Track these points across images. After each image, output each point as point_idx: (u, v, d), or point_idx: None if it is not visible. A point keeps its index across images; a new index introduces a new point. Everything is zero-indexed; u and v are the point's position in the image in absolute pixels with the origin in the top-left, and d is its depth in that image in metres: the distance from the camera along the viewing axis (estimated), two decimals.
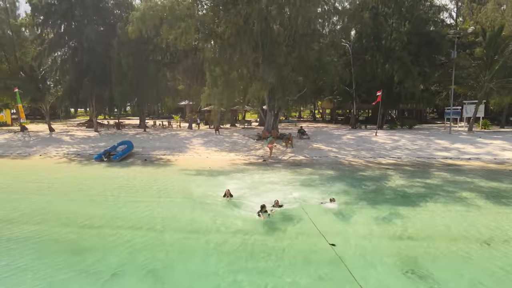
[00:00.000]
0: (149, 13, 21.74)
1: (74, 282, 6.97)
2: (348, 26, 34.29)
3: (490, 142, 26.36)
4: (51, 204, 12.49)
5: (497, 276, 7.13)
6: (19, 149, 26.15)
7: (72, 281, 7.02)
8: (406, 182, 15.61)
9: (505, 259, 7.86)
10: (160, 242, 8.96)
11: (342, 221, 10.32)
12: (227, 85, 23.09)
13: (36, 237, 9.34)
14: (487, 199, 12.56)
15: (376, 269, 7.43)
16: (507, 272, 7.28)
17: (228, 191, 12.39)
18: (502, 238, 9.17)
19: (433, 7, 38.68)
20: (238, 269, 7.43)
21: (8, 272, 7.40)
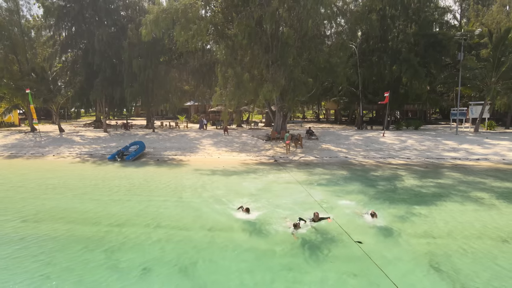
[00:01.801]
0: (162, 16, 22.07)
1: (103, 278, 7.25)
2: (355, 28, 34.72)
3: (497, 142, 26.58)
4: (74, 203, 12.77)
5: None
6: (32, 149, 26.48)
7: (101, 276, 7.30)
8: (419, 182, 15.86)
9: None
10: (185, 239, 9.25)
11: (362, 220, 10.57)
12: (238, 86, 23.37)
13: (63, 235, 9.63)
14: (502, 199, 12.80)
15: (403, 265, 7.70)
16: None
17: (245, 208, 10.94)
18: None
19: (438, 9, 39.04)
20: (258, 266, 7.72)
21: (40, 268, 7.67)
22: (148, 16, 23.02)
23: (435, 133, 32.34)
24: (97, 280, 7.15)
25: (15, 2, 33.12)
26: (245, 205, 11.14)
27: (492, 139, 28.04)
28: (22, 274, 7.37)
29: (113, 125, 41.63)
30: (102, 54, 31.31)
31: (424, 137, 29.73)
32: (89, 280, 7.16)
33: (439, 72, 36.26)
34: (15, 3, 33.19)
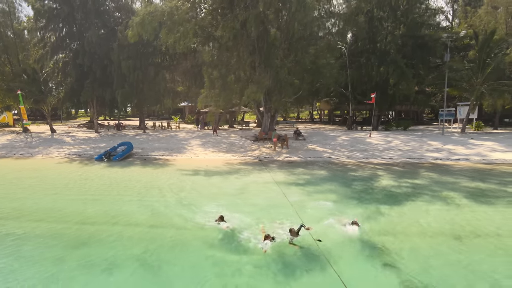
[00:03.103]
0: (148, 18, 22.41)
1: (76, 273, 7.60)
2: (345, 29, 35.12)
3: (481, 143, 26.99)
4: (54, 202, 13.10)
5: (461, 267, 7.76)
6: (21, 149, 26.81)
7: (74, 272, 7.64)
8: (394, 182, 16.23)
9: (471, 252, 8.50)
10: (153, 236, 9.60)
11: (327, 219, 10.92)
12: (224, 87, 23.73)
13: (40, 233, 9.97)
14: (468, 198, 13.17)
15: (356, 262, 8.04)
16: (471, 264, 7.91)
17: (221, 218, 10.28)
18: (475, 233, 9.79)
19: (429, 10, 39.45)
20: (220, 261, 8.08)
21: (14, 264, 8.02)
22: (134, 18, 23.38)
23: (422, 134, 32.76)
24: (64, 273, 7.49)
25: (9, 4, 33.44)
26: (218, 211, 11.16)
27: (476, 140, 28.45)
28: None
29: (105, 125, 41.96)
30: (92, 55, 31.64)
31: (411, 137, 30.14)
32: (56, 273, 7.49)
33: (427, 73, 36.69)
34: (8, 5, 33.50)
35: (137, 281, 7.24)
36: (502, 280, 7.14)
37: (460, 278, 7.28)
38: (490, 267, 7.75)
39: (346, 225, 9.96)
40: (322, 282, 7.14)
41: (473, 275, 7.41)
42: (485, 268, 7.69)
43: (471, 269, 7.67)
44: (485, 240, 9.30)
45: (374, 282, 7.19)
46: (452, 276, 7.36)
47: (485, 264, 7.90)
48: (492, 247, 8.83)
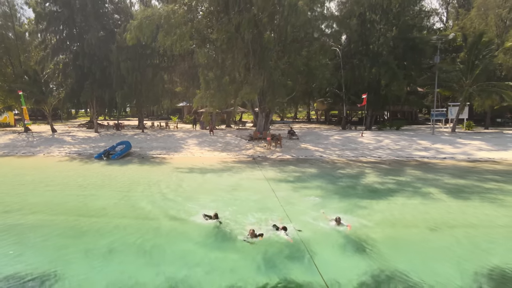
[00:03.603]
0: (146, 22, 23.15)
1: (78, 256, 8.37)
2: (339, 31, 35.91)
3: (469, 142, 27.81)
4: (55, 197, 13.87)
5: (435, 254, 8.52)
6: (23, 149, 27.53)
7: (76, 256, 8.41)
8: (379, 179, 17.02)
9: (439, 241, 9.31)
10: (149, 227, 10.36)
11: (311, 212, 11.68)
12: (219, 88, 24.49)
13: (43, 224, 10.74)
14: (446, 193, 13.97)
15: (333, 251, 8.78)
16: (441, 250, 8.70)
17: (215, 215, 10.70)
18: (448, 225, 10.57)
19: (422, 12, 40.25)
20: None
21: (20, 251, 8.79)
22: (132, 22, 24.13)
23: (413, 133, 33.54)
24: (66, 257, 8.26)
25: (10, 7, 34.15)
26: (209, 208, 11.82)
27: (465, 139, 29.27)
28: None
29: (104, 125, 42.69)
30: (92, 57, 32.38)
31: (401, 137, 30.93)
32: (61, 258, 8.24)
33: (419, 74, 37.49)
34: (10, 8, 34.22)
35: (134, 264, 8.00)
36: (464, 263, 7.88)
37: (426, 263, 8.04)
38: (454, 253, 8.54)
39: (328, 220, 10.55)
40: (299, 267, 7.87)
41: (438, 260, 8.20)
42: (450, 254, 8.48)
43: (437, 255, 8.45)
44: (453, 230, 10.08)
45: (347, 266, 7.92)
46: (418, 261, 8.12)
47: (450, 251, 8.68)
48: (459, 236, 9.60)
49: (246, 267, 7.78)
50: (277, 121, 57.90)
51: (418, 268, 7.65)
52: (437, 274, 7.41)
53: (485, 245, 8.95)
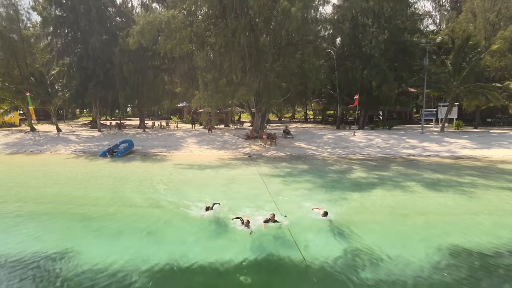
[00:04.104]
0: (148, 27, 24.35)
1: (89, 237, 9.58)
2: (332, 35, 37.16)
3: (455, 141, 29.01)
4: (62, 189, 15.10)
5: (403, 236, 9.73)
6: (31, 147, 28.72)
7: (87, 236, 9.63)
8: (364, 174, 18.23)
9: (408, 225, 10.54)
10: (152, 214, 11.56)
11: (297, 198, 12.89)
12: (216, 90, 25.70)
13: (56, 212, 11.94)
14: (423, 186, 15.19)
15: (314, 233, 9.97)
16: (406, 232, 9.93)
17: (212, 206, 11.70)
18: (418, 212, 11.79)
19: (415, 15, 41.45)
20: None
21: (41, 232, 10.00)
22: (135, 27, 25.32)
23: (403, 133, 34.72)
24: (82, 238, 9.45)
25: (15, 11, 35.25)
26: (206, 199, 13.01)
27: (451, 138, 30.46)
28: (21, 238, 9.63)
29: (107, 125, 43.89)
30: (95, 59, 33.57)
31: (392, 136, 32.12)
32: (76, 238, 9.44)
33: (410, 76, 38.71)
34: (15, 12, 35.31)
35: (139, 243, 9.21)
36: (428, 244, 9.05)
37: (390, 241, 9.24)
38: (421, 235, 9.73)
39: (318, 216, 11.22)
40: (282, 245, 9.06)
41: (401, 239, 9.43)
42: (417, 236, 9.68)
43: (406, 237, 9.64)
44: (423, 217, 11.29)
45: (323, 244, 9.11)
46: (384, 240, 9.31)
47: (417, 234, 9.87)
48: (427, 222, 10.82)
49: (237, 246, 8.97)
50: (274, 121, 59.16)
51: (383, 245, 8.85)
52: (396, 249, 8.61)
53: (445, 228, 10.18)
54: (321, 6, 30.02)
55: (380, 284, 7.07)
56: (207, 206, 11.63)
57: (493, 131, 35.50)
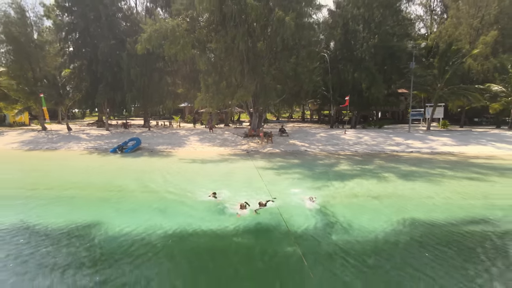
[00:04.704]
0: (154, 35, 26.40)
1: (111, 214, 11.58)
2: (327, 39, 39.30)
3: (437, 139, 31.03)
4: (83, 179, 17.06)
5: (372, 212, 11.69)
6: (46, 144, 30.75)
7: (109, 213, 11.63)
8: (349, 167, 20.25)
9: (379, 205, 12.52)
10: (162, 197, 13.58)
11: (287, 186, 14.91)
12: (217, 91, 27.74)
13: (79, 195, 13.92)
14: (398, 177, 17.17)
15: (297, 210, 11.96)
16: (375, 210, 11.90)
17: (213, 194, 13.43)
18: (388, 196, 13.78)
19: (406, 20, 43.52)
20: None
21: (70, 210, 11.99)
22: (142, 34, 27.33)
23: (391, 131, 36.76)
24: (104, 215, 11.45)
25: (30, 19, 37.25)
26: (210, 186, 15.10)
27: (435, 136, 32.49)
28: (56, 213, 11.61)
29: (114, 124, 45.91)
30: (104, 63, 35.57)
31: (380, 134, 34.17)
32: (99, 214, 11.44)
33: (400, 78, 40.76)
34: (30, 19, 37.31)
35: (153, 218, 11.18)
36: (390, 217, 11.03)
37: (373, 216, 11.21)
38: (386, 212, 11.67)
39: (304, 200, 13.09)
40: (271, 221, 11.07)
41: (375, 216, 11.35)
42: (383, 212, 11.61)
43: (375, 213, 11.58)
44: (391, 199, 13.25)
45: (306, 220, 11.10)
46: (368, 216, 11.29)
47: (384, 211, 11.81)
48: (393, 202, 12.80)
49: (234, 220, 10.97)
50: (272, 120, 61.24)
51: (354, 219, 10.82)
52: (365, 221, 10.58)
53: (406, 206, 12.14)
54: (314, 15, 32.20)
55: (347, 243, 9.04)
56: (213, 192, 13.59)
57: (475, 130, 37.54)
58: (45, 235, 9.77)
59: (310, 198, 12.92)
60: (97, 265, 8.01)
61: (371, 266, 7.83)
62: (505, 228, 10.02)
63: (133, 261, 8.12)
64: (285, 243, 9.10)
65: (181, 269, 8.05)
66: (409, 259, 8.16)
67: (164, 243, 9.11)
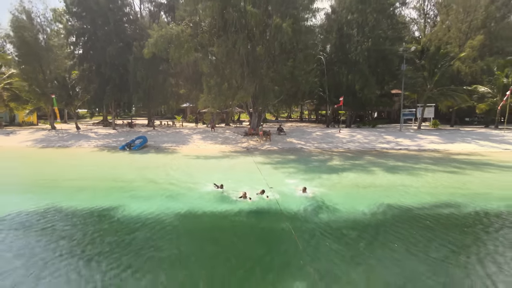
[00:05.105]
0: (160, 40, 28.05)
1: (128, 200, 13.20)
2: (323, 42, 40.95)
3: (425, 137, 32.69)
4: (97, 173, 18.74)
5: (356, 199, 13.30)
6: (58, 142, 32.38)
7: (126, 199, 13.25)
8: (340, 162, 21.91)
9: (363, 191, 14.20)
10: (171, 188, 15.20)
11: (283, 179, 16.55)
12: (219, 93, 29.40)
13: (95, 186, 15.53)
14: (383, 170, 18.83)
15: (291, 197, 13.60)
16: (363, 197, 13.52)
17: (221, 185, 14.58)
18: (372, 186, 15.41)
19: (399, 24, 45.13)
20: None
21: (91, 196, 13.58)
22: (150, 40, 28.96)
23: (384, 130, 38.40)
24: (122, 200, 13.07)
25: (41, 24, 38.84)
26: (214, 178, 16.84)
27: (424, 135, 34.15)
28: (80, 199, 13.20)
29: (119, 124, 47.53)
30: (112, 66, 37.21)
31: (372, 133, 35.81)
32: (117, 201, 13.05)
33: (392, 79, 42.40)
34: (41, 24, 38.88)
35: (167, 203, 12.81)
36: (371, 202, 12.64)
37: (357, 202, 12.82)
38: (368, 198, 13.27)
39: (296, 190, 14.67)
40: (267, 206, 12.72)
41: (358, 201, 12.94)
42: (366, 198, 13.22)
43: (359, 199, 13.17)
44: (374, 188, 14.89)
45: (299, 204, 12.72)
46: (352, 201, 12.89)
47: (366, 197, 13.40)
48: (376, 191, 14.43)
49: (236, 204, 12.62)
50: (271, 120, 62.90)
51: (340, 203, 12.44)
52: (349, 205, 12.18)
53: (387, 194, 13.76)
54: (310, 19, 33.87)
55: (331, 221, 10.63)
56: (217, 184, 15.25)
57: (463, 129, 39.20)
58: (74, 214, 11.42)
59: (302, 188, 14.56)
60: (118, 233, 9.69)
61: (348, 237, 9.50)
62: (461, 210, 11.70)
63: (148, 231, 9.78)
64: (279, 221, 10.72)
65: (191, 239, 9.73)
66: (380, 232, 9.84)
67: (176, 220, 10.78)
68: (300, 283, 7.09)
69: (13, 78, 41.23)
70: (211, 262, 8.18)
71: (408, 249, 8.61)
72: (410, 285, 7.06)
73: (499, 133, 34.46)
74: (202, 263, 8.13)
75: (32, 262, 7.89)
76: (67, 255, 8.31)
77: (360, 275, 7.46)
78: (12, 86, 41.09)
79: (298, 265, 7.83)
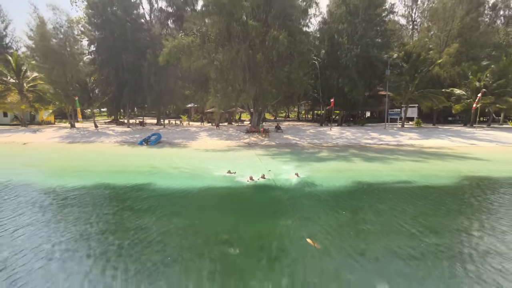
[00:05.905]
0: (174, 50, 31.58)
1: (148, 179, 16.67)
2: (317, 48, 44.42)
3: (406, 134, 36.21)
4: (122, 162, 22.13)
5: (336, 179, 16.82)
6: (81, 138, 35.83)
7: (146, 178, 16.71)
8: (327, 154, 25.42)
9: (342, 174, 17.70)
10: (187, 172, 18.68)
11: (279, 166, 20.05)
12: (224, 95, 32.91)
13: (121, 170, 18.99)
14: (361, 160, 22.33)
15: (289, 179, 17.09)
16: (341, 177, 17.04)
17: (234, 172, 17.64)
18: (351, 170, 18.90)
19: (388, 31, 48.57)
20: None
21: (119, 179, 17.07)
22: (164, 49, 32.51)
23: (370, 128, 41.91)
24: (141, 180, 16.53)
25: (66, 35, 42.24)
26: (222, 166, 20.41)
27: (405, 132, 37.66)
28: (117, 179, 16.61)
29: (132, 123, 50.98)
30: (128, 71, 40.74)
31: (360, 131, 39.31)
32: (137, 181, 16.51)
33: (379, 82, 45.91)
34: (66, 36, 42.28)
35: (183, 181, 16.26)
36: (348, 180, 16.18)
37: (335, 180, 16.34)
38: (345, 178, 16.78)
39: (289, 173, 18.59)
40: (268, 186, 16.21)
41: (337, 180, 16.48)
42: (343, 178, 16.74)
43: (338, 179, 16.67)
44: (352, 172, 18.36)
45: (291, 183, 16.25)
46: (332, 180, 16.42)
47: (344, 178, 16.91)
48: (353, 174, 17.90)
49: (243, 184, 16.12)
50: (270, 119, 66.41)
51: (323, 181, 15.97)
52: (330, 183, 15.71)
53: (361, 175, 17.27)
54: (304, 27, 37.39)
55: (315, 192, 14.13)
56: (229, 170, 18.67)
57: (441, 127, 42.75)
58: (114, 189, 14.80)
59: (295, 174, 18.07)
60: (151, 198, 13.17)
61: (324, 199, 13.01)
62: (411, 185, 15.23)
63: (176, 198, 13.27)
64: (274, 192, 14.25)
65: (208, 204, 13.24)
66: (350, 198, 13.36)
67: (196, 192, 14.28)
68: (285, 221, 10.61)
69: (36, 81, 44.61)
70: (230, 216, 11.67)
71: (366, 207, 12.15)
72: (362, 224, 10.59)
73: (472, 130, 38.02)
74: (224, 216, 11.64)
75: (100, 214, 11.43)
76: (126, 208, 11.83)
77: (330, 219, 10.93)
78: (36, 88, 44.48)
79: (285, 214, 11.35)
